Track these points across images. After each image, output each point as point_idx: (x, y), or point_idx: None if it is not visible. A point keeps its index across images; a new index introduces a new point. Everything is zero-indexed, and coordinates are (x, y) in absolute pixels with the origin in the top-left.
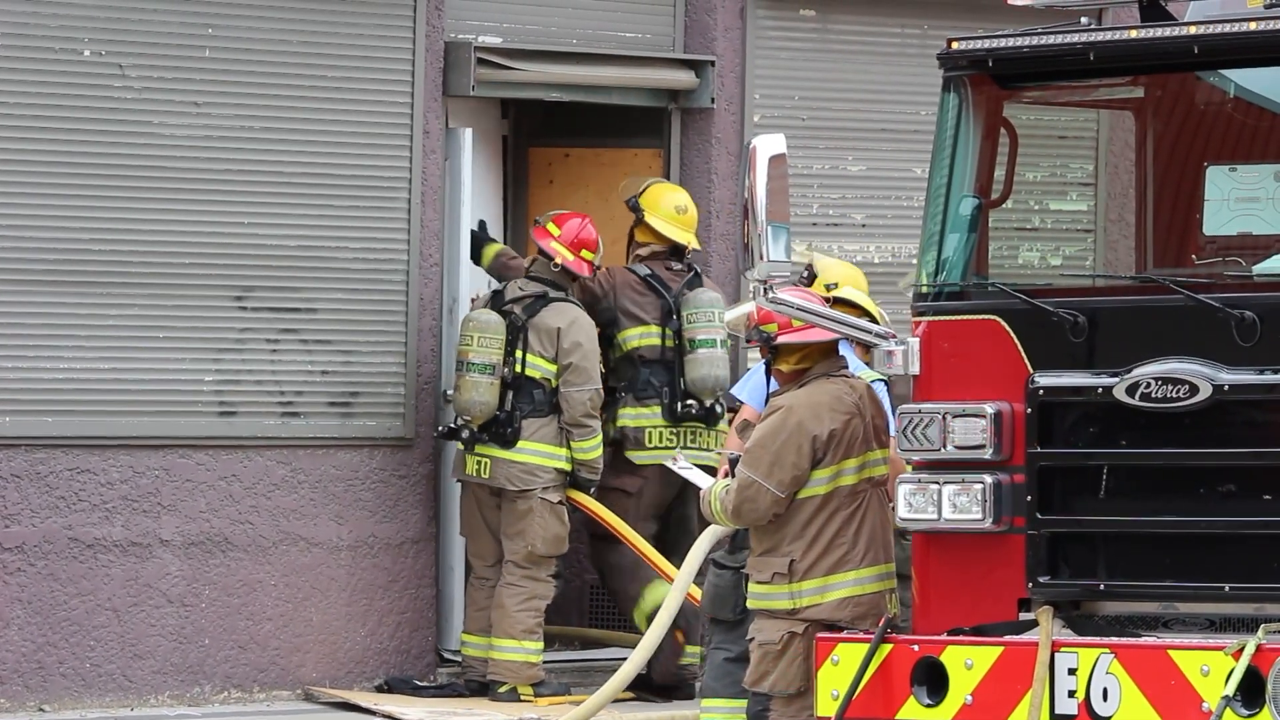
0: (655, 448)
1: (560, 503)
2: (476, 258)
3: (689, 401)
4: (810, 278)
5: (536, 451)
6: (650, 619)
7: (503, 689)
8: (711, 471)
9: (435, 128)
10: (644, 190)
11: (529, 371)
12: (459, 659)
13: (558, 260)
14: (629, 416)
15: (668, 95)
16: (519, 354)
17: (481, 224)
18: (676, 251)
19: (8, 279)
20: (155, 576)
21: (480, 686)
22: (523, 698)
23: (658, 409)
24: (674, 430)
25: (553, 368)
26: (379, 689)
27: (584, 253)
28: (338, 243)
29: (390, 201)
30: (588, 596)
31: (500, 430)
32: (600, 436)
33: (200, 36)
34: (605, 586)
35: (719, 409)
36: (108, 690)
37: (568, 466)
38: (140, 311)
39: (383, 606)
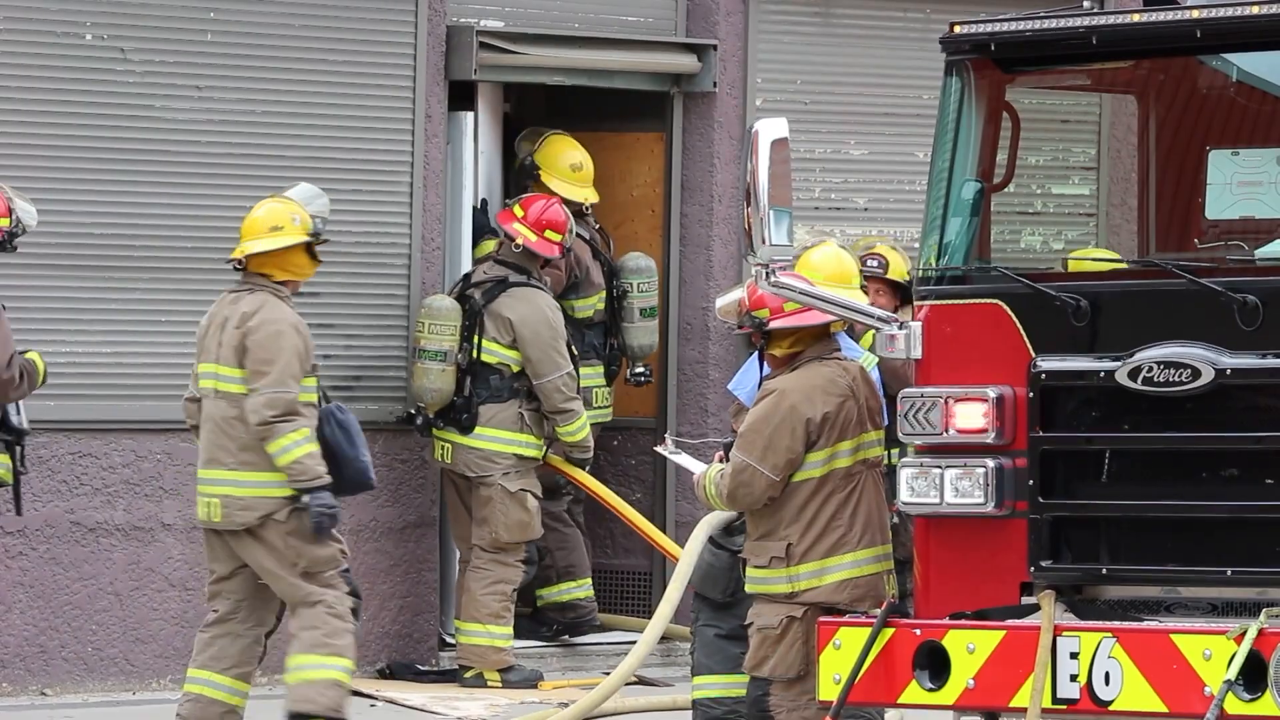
0: (601, 407)
1: (523, 490)
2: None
3: (639, 370)
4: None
5: (493, 438)
6: (548, 607)
7: (469, 674)
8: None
9: (437, 112)
10: (541, 145)
11: (485, 357)
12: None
13: (519, 241)
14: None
15: (670, 79)
16: (475, 339)
17: (484, 203)
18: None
19: (10, 264)
20: (157, 561)
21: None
22: (489, 683)
23: (600, 368)
24: (608, 390)
25: (510, 353)
26: (381, 673)
27: (548, 233)
28: (340, 227)
29: (392, 186)
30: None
31: (457, 416)
32: (584, 417)
33: (202, 21)
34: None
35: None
36: (109, 674)
37: (529, 452)
38: (143, 296)
39: (385, 591)
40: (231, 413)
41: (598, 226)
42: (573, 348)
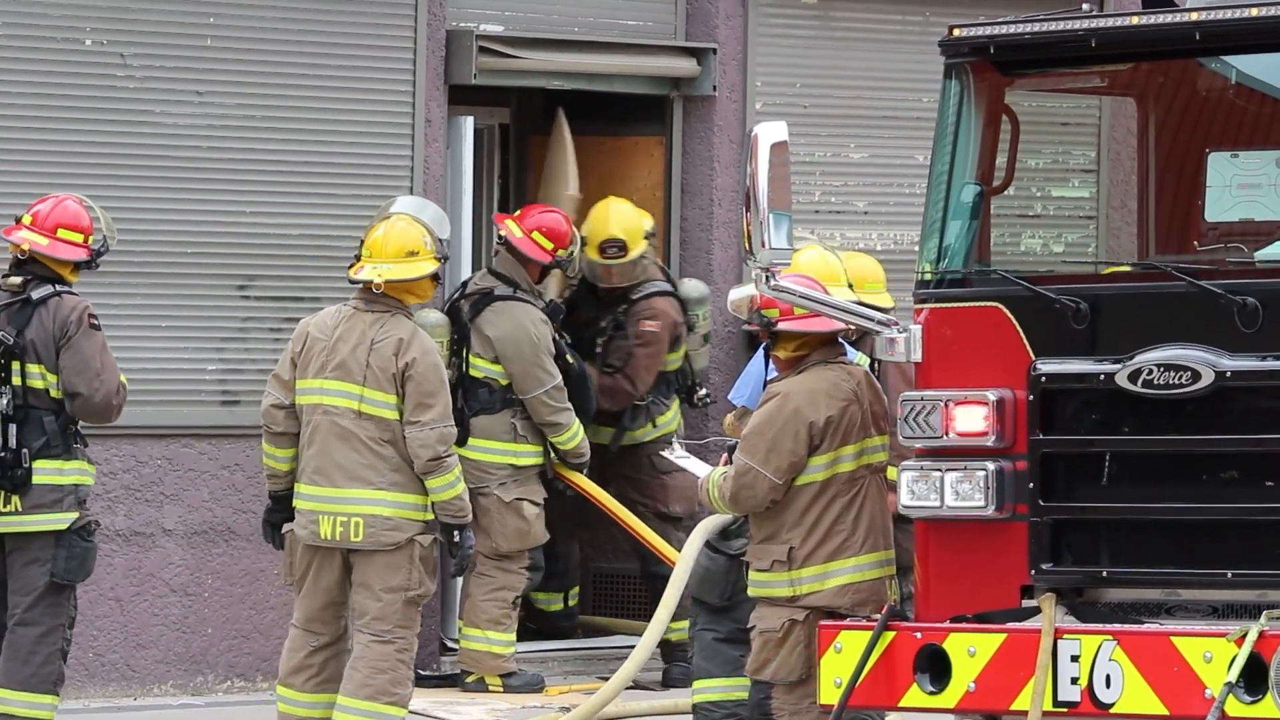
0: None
1: (519, 499)
2: None
3: (703, 393)
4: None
5: (486, 448)
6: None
7: (470, 679)
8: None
9: (437, 117)
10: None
11: (473, 372)
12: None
13: (502, 233)
14: (670, 420)
15: (670, 83)
16: (464, 353)
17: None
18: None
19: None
20: (158, 566)
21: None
22: (490, 688)
23: (678, 400)
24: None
25: (496, 368)
26: None
27: (535, 235)
28: (340, 232)
29: (392, 190)
30: (591, 584)
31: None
32: (575, 425)
33: (202, 26)
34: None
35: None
36: (111, 680)
37: (524, 461)
38: (143, 301)
39: None
40: (383, 435)
41: (660, 264)
42: (568, 357)
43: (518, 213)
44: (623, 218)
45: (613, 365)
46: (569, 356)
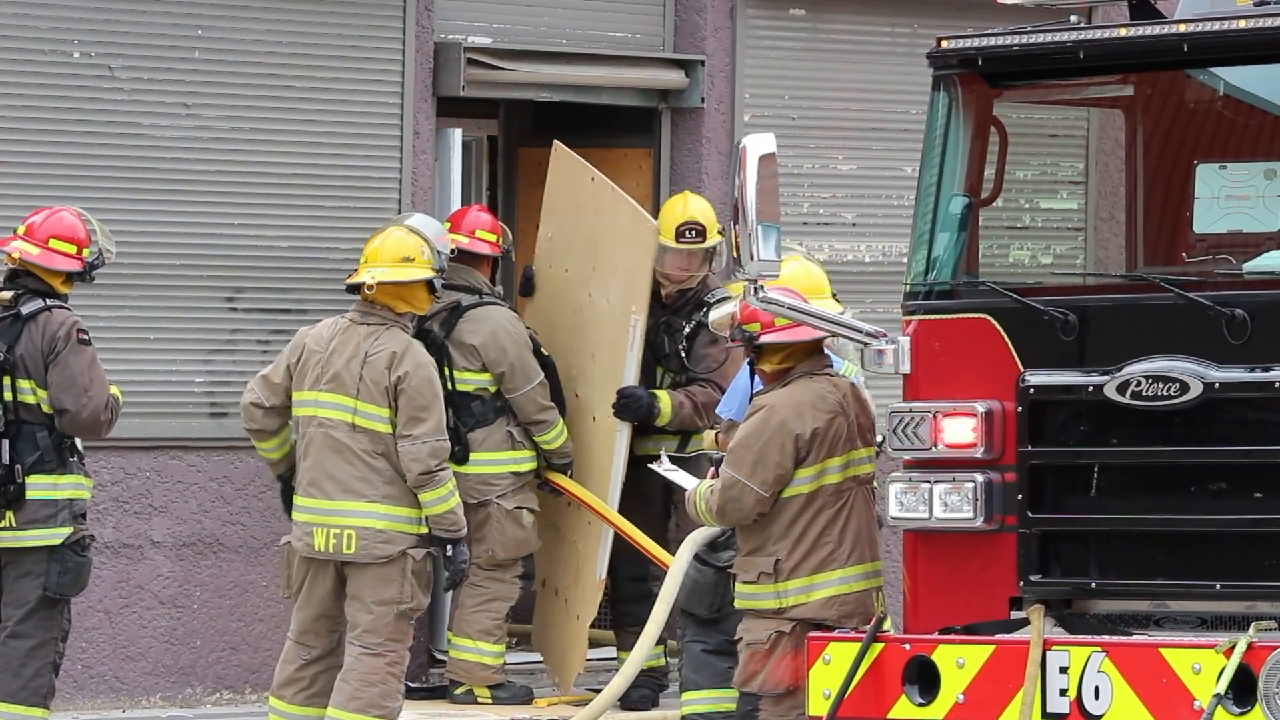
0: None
1: (519, 507)
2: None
3: None
4: None
5: (489, 461)
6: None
7: (459, 690)
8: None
9: (425, 128)
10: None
11: (460, 387)
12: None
13: (453, 247)
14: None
15: (658, 95)
16: (447, 371)
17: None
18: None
19: None
20: (147, 578)
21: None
22: (479, 700)
23: None
24: None
25: (484, 377)
26: None
27: (479, 233)
28: (328, 244)
29: (380, 202)
30: None
31: (450, 449)
32: (560, 424)
33: (190, 37)
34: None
35: None
36: (99, 692)
37: (524, 468)
38: (131, 313)
39: None
40: (376, 447)
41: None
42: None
43: (447, 225)
44: (701, 204)
45: (709, 379)
46: (543, 350)
